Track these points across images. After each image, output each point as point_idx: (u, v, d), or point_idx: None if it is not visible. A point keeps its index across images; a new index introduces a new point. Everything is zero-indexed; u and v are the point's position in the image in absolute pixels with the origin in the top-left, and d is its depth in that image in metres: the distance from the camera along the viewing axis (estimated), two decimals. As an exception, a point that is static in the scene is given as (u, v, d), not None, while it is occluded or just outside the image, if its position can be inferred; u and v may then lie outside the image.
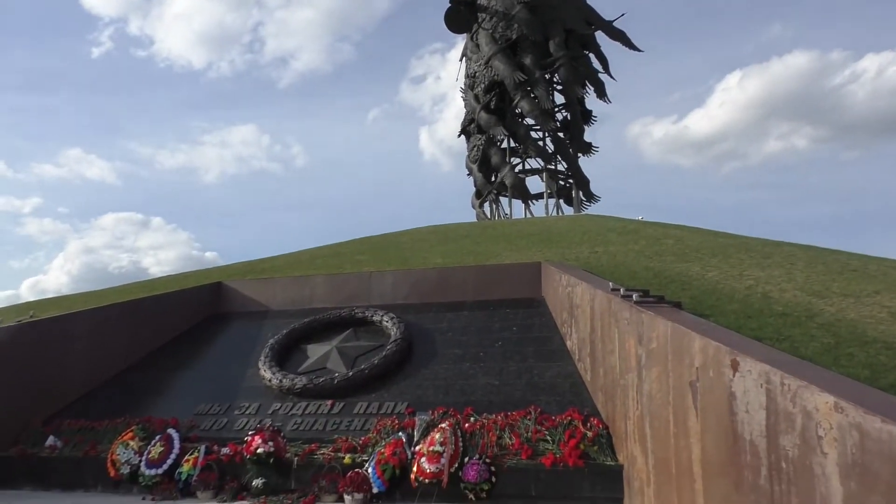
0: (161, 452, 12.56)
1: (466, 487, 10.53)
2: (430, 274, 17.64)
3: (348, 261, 21.19)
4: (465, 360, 14.31)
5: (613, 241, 19.42)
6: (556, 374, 13.09)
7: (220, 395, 14.77)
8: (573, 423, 11.07)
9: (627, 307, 10.09)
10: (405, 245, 23.29)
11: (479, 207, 38.79)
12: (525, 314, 15.62)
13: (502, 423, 11.49)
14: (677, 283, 12.97)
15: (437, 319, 16.13)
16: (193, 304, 18.59)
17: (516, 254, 18.99)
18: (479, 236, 23.32)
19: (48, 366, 15.05)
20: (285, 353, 15.76)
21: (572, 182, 37.19)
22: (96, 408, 14.82)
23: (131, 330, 16.92)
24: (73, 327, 15.84)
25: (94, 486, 12.95)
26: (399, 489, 11.04)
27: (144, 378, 16.00)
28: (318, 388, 13.94)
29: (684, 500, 8.24)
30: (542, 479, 10.45)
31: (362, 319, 16.29)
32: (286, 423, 13.21)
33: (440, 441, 10.86)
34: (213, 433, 13.42)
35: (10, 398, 14.16)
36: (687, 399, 8.20)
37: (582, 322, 12.74)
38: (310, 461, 11.80)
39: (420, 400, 13.15)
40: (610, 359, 10.87)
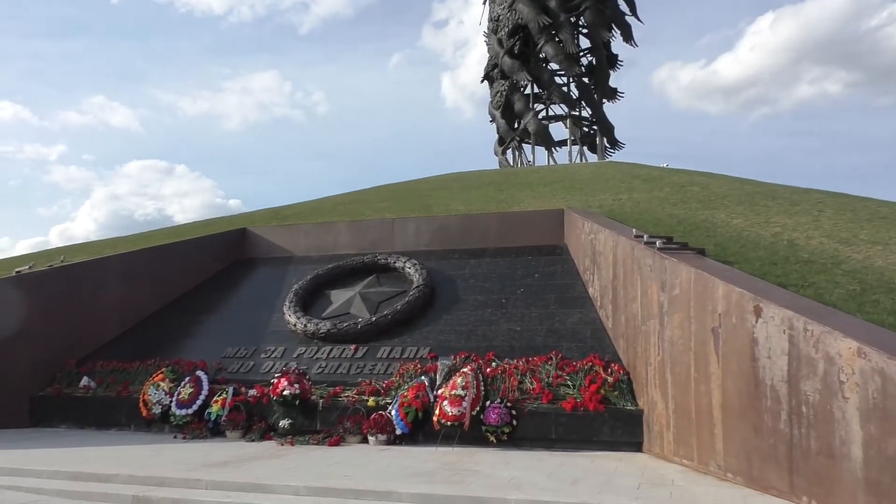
0: (191, 393, 12.91)
1: (488, 430, 10.74)
2: (453, 221, 17.65)
3: (371, 208, 21.24)
4: (488, 306, 14.42)
5: (637, 189, 19.24)
6: (577, 321, 13.16)
7: (246, 338, 15.07)
8: (594, 368, 11.17)
9: (650, 254, 10.06)
10: (427, 192, 23.27)
11: (501, 154, 38.47)
12: (547, 261, 15.63)
13: (524, 368, 11.62)
14: (702, 230, 12.87)
15: (460, 266, 16.21)
16: (219, 249, 18.84)
17: (539, 201, 18.90)
18: (502, 183, 23.20)
19: (80, 309, 15.42)
20: (309, 298, 15.98)
21: (596, 129, 36.66)
22: (127, 350, 15.22)
23: (159, 275, 17.22)
24: (103, 272, 16.17)
25: (127, 425, 13.40)
26: (421, 431, 11.28)
27: (173, 322, 16.35)
28: (342, 333, 14.17)
29: (703, 443, 8.36)
30: (563, 422, 10.61)
31: (385, 266, 16.41)
32: (311, 366, 13.48)
33: (462, 385, 11.03)
34: (240, 375, 13.76)
35: (46, 340, 14.58)
36: (708, 345, 8.24)
37: (604, 269, 12.74)
38: (334, 403, 12.07)
39: (442, 345, 13.33)
40: (632, 305, 10.89)
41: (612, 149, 36.92)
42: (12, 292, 14.38)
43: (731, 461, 7.80)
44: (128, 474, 8.41)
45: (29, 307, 14.43)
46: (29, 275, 15.00)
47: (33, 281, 14.85)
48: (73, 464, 9.10)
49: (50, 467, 8.86)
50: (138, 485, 8.11)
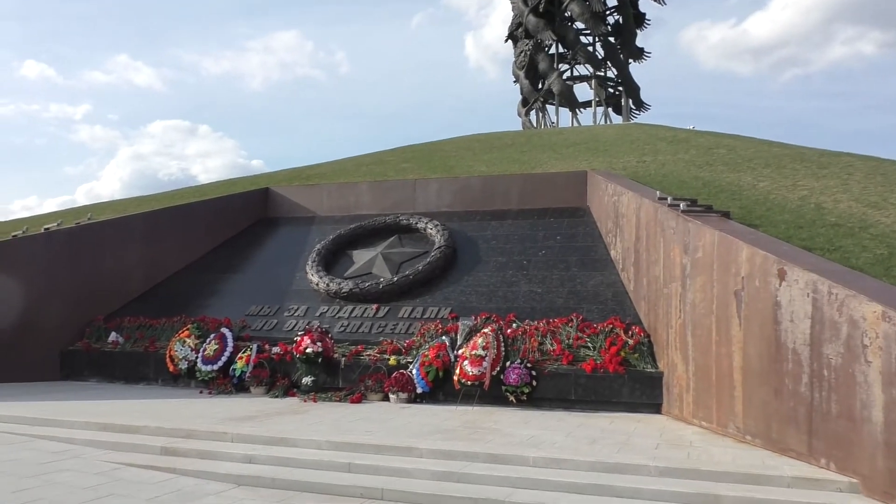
0: (216, 350, 13.15)
1: (507, 390, 10.84)
2: (475, 182, 17.59)
3: (393, 168, 21.20)
4: (509, 267, 14.43)
5: (662, 151, 18.98)
6: (598, 283, 13.14)
7: (269, 297, 15.26)
8: (615, 330, 11.19)
9: (674, 216, 9.97)
10: (449, 153, 23.14)
11: (525, 115, 38.09)
12: (569, 223, 15.56)
13: (544, 329, 11.67)
14: (727, 192, 12.71)
15: (482, 227, 16.20)
16: (242, 209, 18.98)
17: (562, 163, 18.74)
18: (525, 145, 23.00)
19: (107, 266, 15.70)
20: (332, 258, 16.10)
21: (622, 89, 36.10)
22: (154, 307, 15.50)
23: (184, 233, 17.43)
24: (129, 229, 16.39)
25: (154, 380, 13.71)
26: (442, 390, 11.42)
27: (198, 279, 16.59)
28: (364, 293, 14.29)
29: (723, 405, 8.38)
30: (582, 384, 10.68)
31: (407, 226, 16.44)
32: (333, 325, 13.64)
33: (482, 345, 11.12)
34: (263, 333, 13.96)
35: (75, 295, 14.88)
36: (730, 308, 8.20)
37: (627, 231, 12.66)
38: (356, 362, 12.24)
39: (463, 306, 13.39)
40: (654, 268, 10.84)
41: (638, 110, 36.41)
42: (42, 249, 14.66)
43: (750, 423, 7.82)
44: (156, 426, 8.63)
45: (58, 263, 14.72)
46: (57, 232, 15.25)
47: (62, 238, 15.11)
48: (102, 416, 9.35)
49: (81, 418, 9.12)
50: (166, 436, 8.33)
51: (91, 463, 7.35)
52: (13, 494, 6.07)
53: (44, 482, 6.51)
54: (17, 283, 14.04)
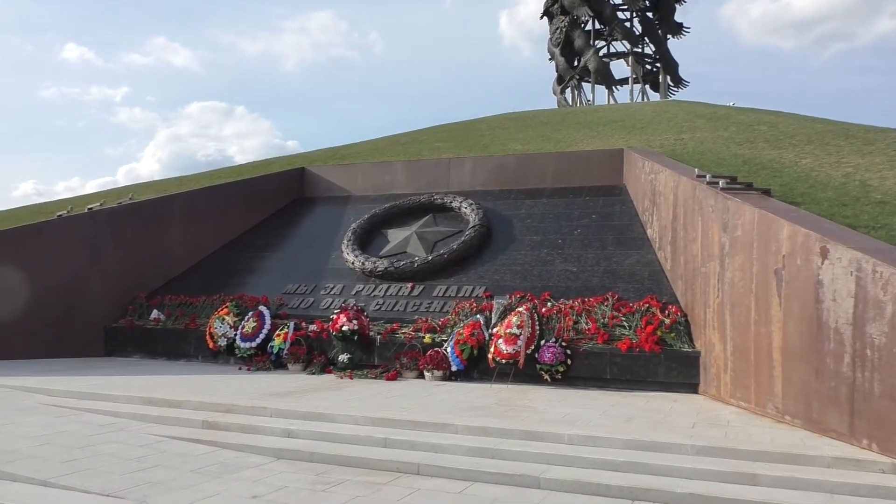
0: (254, 327, 13.38)
1: (542, 369, 10.85)
2: (509, 160, 17.49)
3: (427, 147, 21.18)
4: (544, 246, 14.37)
5: (701, 128, 18.64)
6: (635, 262, 13.02)
7: (306, 275, 15.44)
8: (651, 309, 11.09)
9: (713, 194, 9.81)
10: (484, 132, 23.03)
11: (560, 94, 37.64)
12: (605, 202, 15.42)
13: (579, 308, 11.62)
14: (768, 170, 12.46)
15: (516, 206, 16.13)
16: (279, 189, 19.17)
17: (598, 141, 18.53)
18: (560, 123, 22.77)
19: (149, 244, 16.03)
20: (367, 237, 16.20)
21: (659, 66, 35.46)
22: (193, 285, 15.80)
23: (222, 213, 17.69)
24: (169, 209, 16.69)
25: (195, 356, 14.01)
26: (476, 368, 11.47)
27: (236, 258, 16.85)
28: (399, 272, 14.37)
29: (762, 385, 8.28)
30: (618, 363, 10.63)
31: (441, 205, 16.45)
32: (369, 303, 13.76)
33: (517, 324, 11.12)
34: (300, 311, 14.15)
35: (118, 273, 15.24)
36: (770, 287, 8.07)
37: (664, 209, 12.50)
38: (392, 339, 12.34)
39: (498, 284, 13.39)
40: (692, 247, 10.70)
41: (676, 87, 35.77)
42: (86, 228, 15.02)
43: (790, 403, 7.72)
44: (197, 401, 8.84)
45: (101, 242, 15.09)
46: (100, 211, 15.61)
47: (104, 217, 15.46)
48: (146, 390, 9.60)
49: (125, 393, 9.38)
50: (207, 411, 8.53)
51: (136, 435, 7.57)
52: (63, 464, 6.28)
53: (91, 453, 6.73)
54: (63, 261, 14.43)
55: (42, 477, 5.90)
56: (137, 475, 6.06)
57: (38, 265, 14.04)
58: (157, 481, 5.91)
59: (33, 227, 14.58)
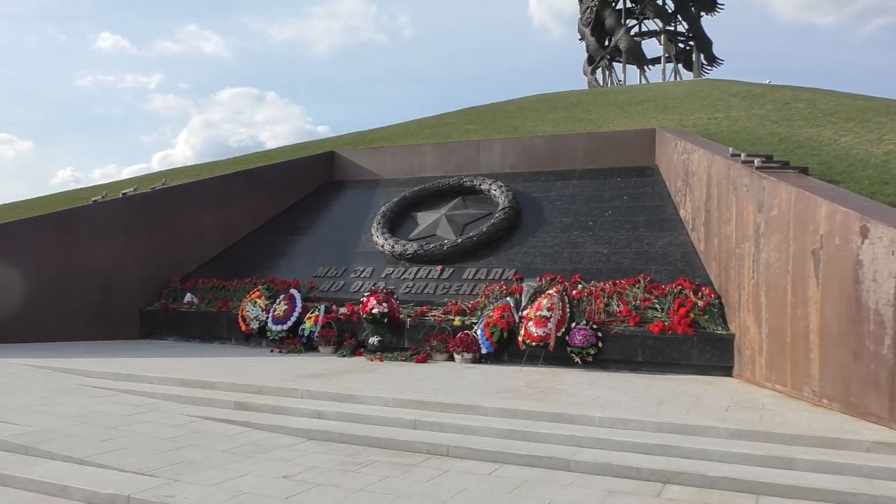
0: (285, 310, 13.49)
1: (573, 351, 10.77)
2: (539, 142, 17.32)
3: (456, 130, 21.07)
4: (574, 228, 14.23)
5: (736, 107, 18.24)
6: (667, 244, 12.83)
7: (336, 259, 15.51)
8: (683, 291, 10.92)
9: (748, 173, 9.60)
10: (513, 114, 22.83)
11: (590, 74, 37.13)
12: (637, 182, 15.19)
13: (610, 290, 11.49)
14: (805, 148, 12.15)
15: (546, 188, 15.98)
16: (309, 172, 19.24)
17: (629, 121, 18.25)
18: (591, 104, 22.47)
19: (182, 229, 16.22)
20: (396, 220, 16.20)
21: (693, 44, 34.73)
22: (225, 268, 15.97)
23: (253, 197, 17.81)
24: (201, 194, 16.86)
25: (228, 339, 14.19)
26: (506, 351, 11.43)
27: (267, 242, 16.98)
28: (428, 254, 14.35)
29: (798, 368, 8.11)
30: (650, 345, 10.51)
31: (471, 188, 16.36)
32: (398, 286, 13.78)
33: (547, 306, 11.04)
34: (331, 294, 14.23)
35: (152, 257, 15.47)
36: (807, 268, 7.88)
37: (697, 190, 12.27)
38: (422, 322, 12.36)
39: (528, 267, 13.31)
40: (726, 227, 10.50)
41: (710, 65, 35.04)
42: (120, 213, 15.26)
43: (827, 387, 7.55)
44: (230, 382, 8.94)
45: (136, 227, 15.31)
46: (134, 196, 15.83)
47: (138, 202, 15.68)
48: (180, 372, 9.74)
49: (160, 374, 9.52)
50: (239, 392, 8.62)
51: (170, 416, 7.68)
52: (99, 443, 6.40)
53: (127, 433, 6.85)
54: (99, 246, 14.67)
55: (79, 455, 6.02)
56: (171, 454, 6.15)
57: (75, 250, 14.30)
58: (189, 460, 6.00)
59: (69, 212, 14.84)
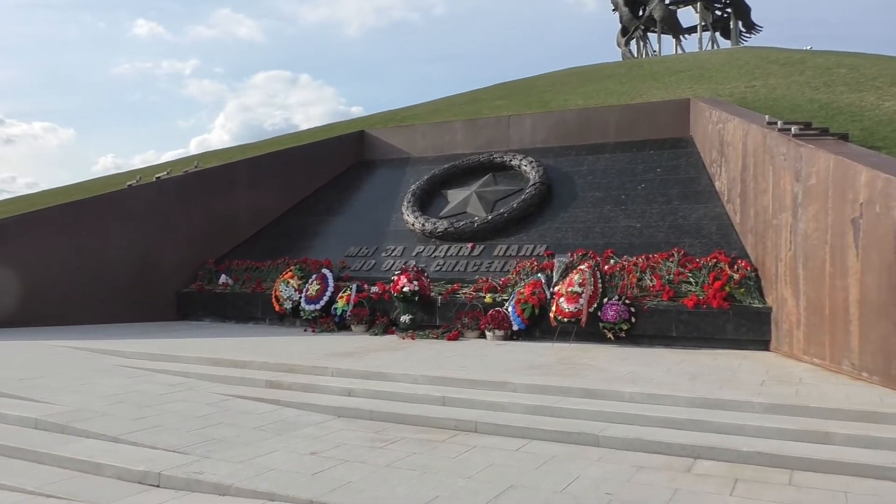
0: (317, 290, 13.58)
1: (605, 327, 10.65)
2: (570, 116, 17.04)
3: (487, 106, 20.87)
4: (606, 202, 14.02)
5: (774, 74, 17.70)
6: (702, 216, 12.56)
7: (367, 238, 15.54)
8: (719, 265, 10.69)
9: (784, 141, 9.30)
10: (544, 88, 22.51)
11: (624, 46, 36.42)
12: (671, 154, 14.87)
13: (643, 265, 11.30)
14: (846, 114, 11.74)
15: (577, 162, 15.75)
16: (339, 152, 19.27)
17: (663, 92, 17.84)
18: (624, 76, 22.03)
19: (215, 211, 16.41)
20: (427, 198, 16.14)
21: (730, 12, 33.78)
22: (259, 249, 16.13)
23: (284, 178, 17.91)
24: (233, 176, 17.02)
25: (262, 319, 14.35)
26: (538, 327, 11.35)
27: (299, 222, 17.09)
28: (459, 232, 14.28)
29: (837, 341, 7.88)
30: (684, 320, 10.33)
31: (501, 164, 16.21)
32: (429, 264, 13.75)
33: (579, 282, 10.91)
34: (362, 273, 14.28)
35: (187, 240, 15.69)
36: (847, 237, 7.62)
37: (733, 160, 11.96)
38: (453, 300, 12.33)
39: (559, 243, 13.17)
40: (762, 198, 10.22)
41: (748, 33, 34.06)
42: (154, 197, 15.48)
43: (867, 360, 7.32)
44: (262, 361, 9.03)
45: (170, 210, 15.53)
46: (168, 180, 16.04)
47: (172, 186, 15.89)
48: (214, 352, 9.87)
49: (194, 354, 9.66)
50: (271, 371, 8.70)
51: (203, 394, 7.79)
52: (133, 421, 6.51)
53: (160, 411, 6.96)
54: (135, 229, 14.93)
55: (113, 433, 6.13)
56: (202, 432, 6.23)
57: (112, 234, 14.57)
58: (220, 438, 6.07)
59: (105, 196, 15.11)
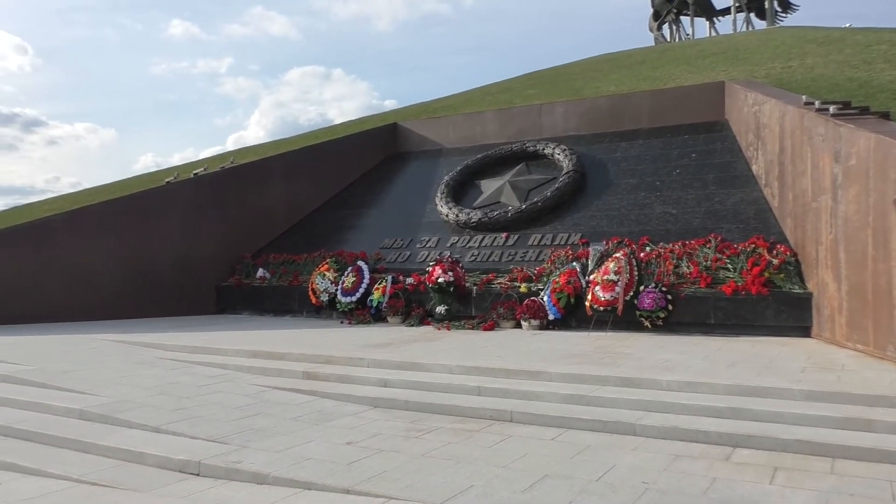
0: (353, 282, 13.69)
1: (642, 315, 10.55)
2: (602, 102, 16.86)
3: (518, 95, 20.76)
4: (641, 189, 13.86)
5: (812, 53, 17.27)
6: (739, 201, 12.34)
7: (401, 230, 15.61)
8: (757, 250, 10.51)
9: (823, 122, 9.08)
10: (576, 76, 22.30)
11: (657, 30, 35.90)
12: (705, 139, 14.62)
13: (680, 251, 11.16)
14: (888, 92, 11.41)
15: (611, 149, 15.58)
16: (372, 145, 19.36)
17: (697, 76, 17.55)
18: (657, 61, 21.71)
19: (251, 206, 16.65)
20: (460, 188, 16.14)
21: (766, -9, 33.01)
22: (295, 243, 16.31)
23: (318, 172, 18.08)
24: (268, 171, 17.23)
25: (299, 312, 14.52)
26: (574, 316, 11.29)
27: (334, 215, 17.23)
28: (493, 222, 14.26)
29: (881, 326, 7.70)
30: (722, 307, 10.18)
31: (534, 153, 16.12)
32: (464, 254, 13.76)
33: (614, 270, 10.82)
34: (397, 265, 14.35)
35: (225, 234, 15.95)
36: (889, 219, 7.43)
37: (770, 143, 11.72)
38: (488, 290, 12.32)
39: (594, 231, 13.06)
40: (801, 181, 10.00)
41: (784, 12, 33.27)
42: (192, 193, 15.75)
43: (913, 345, 7.14)
44: (299, 353, 9.15)
45: (207, 206, 15.79)
46: (205, 176, 16.29)
47: (208, 182, 16.14)
48: (252, 344, 10.04)
49: (233, 346, 9.84)
50: (308, 362, 8.81)
51: (241, 386, 7.93)
52: (174, 412, 6.66)
53: (200, 402, 7.10)
54: (174, 225, 15.22)
55: (154, 424, 6.28)
56: (241, 422, 6.35)
57: (152, 230, 14.88)
58: (258, 428, 6.17)
59: (144, 194, 15.42)
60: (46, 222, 14.05)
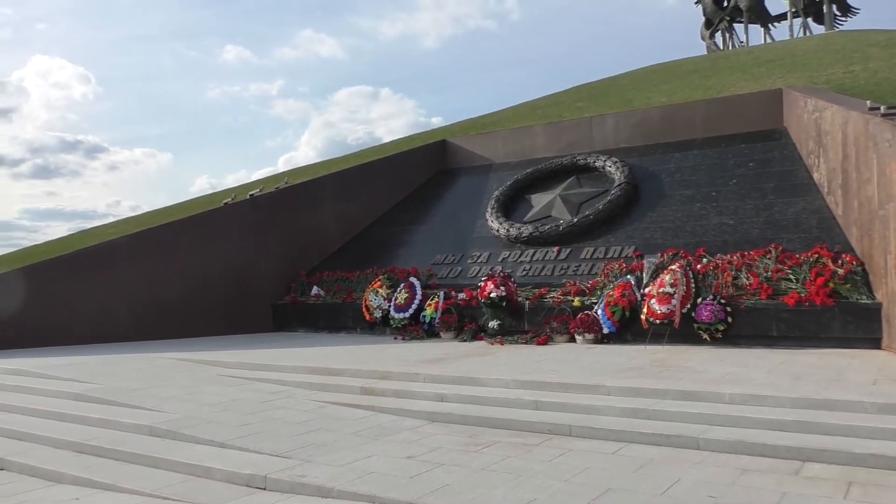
0: (406, 298, 13.79)
1: (700, 328, 10.33)
2: (654, 113, 16.67)
3: (567, 109, 20.68)
4: (696, 200, 13.62)
5: (875, 57, 16.76)
6: (800, 210, 12.02)
7: (452, 245, 15.66)
8: (821, 260, 10.20)
9: (889, 127, 8.81)
10: (626, 87, 22.12)
11: (709, 39, 35.31)
12: (763, 147, 14.30)
13: (738, 262, 10.92)
14: (957, 95, 10.99)
15: (664, 160, 15.38)
16: (421, 162, 19.53)
17: (753, 83, 17.20)
18: (710, 69, 21.37)
19: (305, 225, 16.96)
20: (510, 203, 16.12)
21: (822, -5, 32.23)
22: (348, 261, 16.51)
23: (369, 190, 18.31)
24: (321, 190, 17.53)
25: (353, 328, 14.67)
26: (629, 330, 11.13)
27: (385, 233, 17.41)
28: (544, 236, 14.20)
29: (956, 336, 7.38)
30: (785, 319, 9.90)
31: (584, 166, 16.01)
32: (515, 269, 13.72)
33: (670, 282, 10.63)
34: (449, 280, 14.39)
35: (280, 253, 16.28)
36: (963, 225, 7.14)
37: (832, 150, 11.40)
38: (540, 304, 12.25)
39: (648, 243, 12.88)
40: (866, 188, 9.69)
41: (843, 16, 32.37)
42: (248, 213, 16.13)
43: None
44: (355, 369, 9.25)
45: (263, 225, 16.15)
46: (260, 196, 16.67)
47: (264, 202, 16.52)
48: (309, 361, 10.17)
49: (291, 363, 9.99)
50: (365, 378, 8.89)
51: (301, 402, 8.03)
52: (238, 428, 6.80)
53: (263, 418, 7.23)
54: (232, 245, 15.60)
55: (220, 439, 6.41)
56: (303, 437, 6.43)
57: (210, 250, 15.28)
58: (320, 443, 6.24)
59: (203, 215, 15.85)
60: (111, 245, 14.54)
